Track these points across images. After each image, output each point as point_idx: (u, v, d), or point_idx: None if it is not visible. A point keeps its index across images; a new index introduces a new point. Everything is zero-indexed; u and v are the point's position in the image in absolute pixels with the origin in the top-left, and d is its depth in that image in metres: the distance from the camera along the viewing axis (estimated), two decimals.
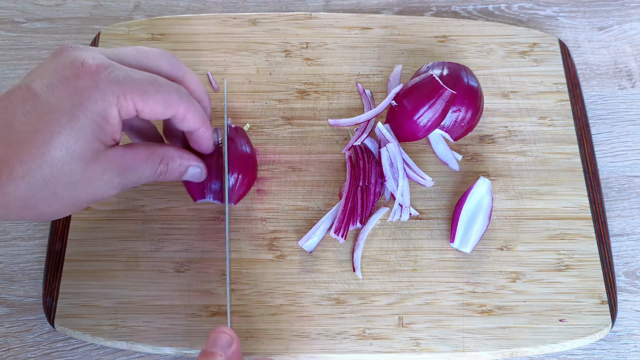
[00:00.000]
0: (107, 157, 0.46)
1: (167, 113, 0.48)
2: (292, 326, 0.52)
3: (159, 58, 0.50)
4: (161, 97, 0.47)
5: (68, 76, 0.44)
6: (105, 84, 0.44)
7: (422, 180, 0.57)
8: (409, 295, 0.54)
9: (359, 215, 0.55)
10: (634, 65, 0.68)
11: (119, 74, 0.45)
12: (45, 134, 0.43)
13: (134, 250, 0.55)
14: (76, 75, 0.44)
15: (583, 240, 0.56)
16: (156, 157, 0.50)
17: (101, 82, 0.44)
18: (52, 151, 0.43)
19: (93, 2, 0.71)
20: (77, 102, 0.44)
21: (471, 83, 0.57)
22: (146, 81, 0.46)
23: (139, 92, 0.46)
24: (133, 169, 0.48)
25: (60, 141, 0.43)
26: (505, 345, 0.52)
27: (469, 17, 0.71)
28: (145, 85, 0.46)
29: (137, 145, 0.49)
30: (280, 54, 0.64)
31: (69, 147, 0.44)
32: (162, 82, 0.48)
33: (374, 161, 0.57)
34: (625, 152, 0.63)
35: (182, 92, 0.49)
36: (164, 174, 0.51)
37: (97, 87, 0.44)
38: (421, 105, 0.56)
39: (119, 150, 0.47)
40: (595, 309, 0.53)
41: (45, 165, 0.43)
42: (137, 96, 0.46)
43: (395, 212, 0.56)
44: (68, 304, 0.52)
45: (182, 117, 0.49)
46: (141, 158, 0.49)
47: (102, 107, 0.44)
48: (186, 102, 0.49)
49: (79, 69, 0.44)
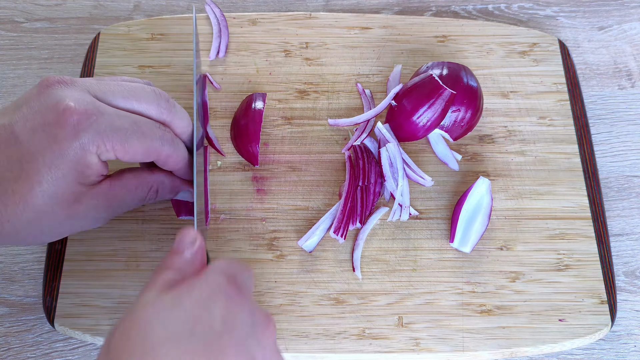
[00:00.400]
0: (92, 195, 0.47)
1: (148, 159, 0.48)
2: (292, 326, 0.52)
3: (149, 102, 0.49)
4: (141, 145, 0.47)
5: (50, 122, 0.44)
6: (86, 135, 0.44)
7: (421, 180, 0.57)
8: (408, 295, 0.54)
9: (359, 215, 0.55)
10: (634, 65, 0.68)
11: (101, 124, 0.45)
12: (27, 183, 0.44)
13: (133, 250, 0.55)
14: (57, 123, 0.44)
15: (583, 240, 0.56)
16: (145, 186, 0.51)
17: (81, 133, 0.44)
18: (34, 199, 0.44)
19: (93, 2, 0.71)
20: (57, 152, 0.44)
21: (471, 83, 0.57)
22: (129, 129, 0.46)
23: (120, 141, 0.46)
24: (120, 201, 0.49)
25: (42, 189, 0.44)
26: (505, 345, 0.52)
27: (469, 17, 0.71)
28: (128, 134, 0.46)
29: (125, 175, 0.50)
30: (280, 54, 0.64)
31: (50, 194, 0.45)
32: (146, 129, 0.47)
33: (374, 161, 0.57)
34: (624, 152, 0.63)
35: (166, 138, 0.49)
36: (154, 199, 0.52)
37: (77, 138, 0.44)
38: (421, 105, 0.56)
39: (105, 185, 0.48)
40: (595, 309, 0.53)
41: (28, 210, 0.44)
42: (118, 145, 0.46)
43: (395, 212, 0.56)
44: (68, 304, 0.52)
45: (163, 161, 0.49)
46: (129, 189, 0.50)
47: (82, 156, 0.45)
48: (168, 148, 0.49)
49: (60, 116, 0.44)
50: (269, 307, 0.53)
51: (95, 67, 0.63)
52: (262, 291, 0.53)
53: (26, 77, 0.66)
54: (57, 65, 0.66)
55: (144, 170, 0.51)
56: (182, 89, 0.62)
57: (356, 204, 0.55)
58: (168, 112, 0.50)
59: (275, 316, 0.52)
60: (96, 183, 0.48)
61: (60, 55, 0.67)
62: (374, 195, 0.56)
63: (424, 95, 0.55)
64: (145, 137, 0.47)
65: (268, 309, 0.53)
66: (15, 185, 0.44)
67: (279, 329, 0.52)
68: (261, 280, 0.54)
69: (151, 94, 0.49)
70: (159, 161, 0.49)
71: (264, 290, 0.53)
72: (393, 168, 0.56)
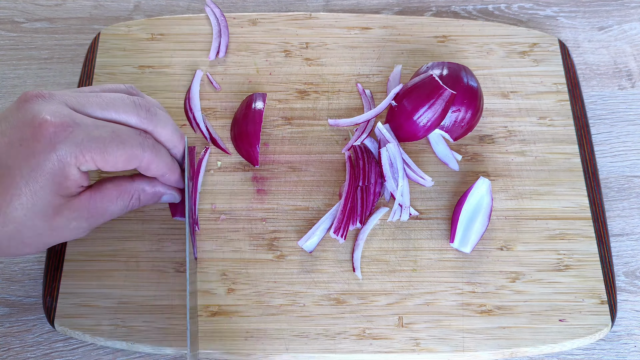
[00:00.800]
0: (72, 207, 0.47)
1: (129, 166, 0.48)
2: (291, 326, 0.52)
3: (128, 113, 0.49)
4: (122, 153, 0.47)
5: (26, 137, 0.44)
6: (63, 147, 0.44)
7: (421, 180, 0.57)
8: (408, 295, 0.54)
9: (359, 215, 0.55)
10: (634, 65, 0.68)
11: (77, 135, 0.45)
12: (6, 196, 0.44)
13: (134, 250, 0.55)
14: (33, 137, 0.44)
15: (583, 240, 0.56)
16: (126, 195, 0.51)
17: (58, 145, 0.44)
18: (13, 212, 0.44)
19: (93, 2, 0.71)
20: (34, 166, 0.44)
21: (471, 83, 0.57)
22: (107, 138, 0.46)
23: (99, 151, 0.46)
24: (102, 210, 0.49)
25: (20, 202, 0.44)
26: (505, 345, 0.52)
27: (469, 17, 0.71)
28: (106, 143, 0.46)
29: (105, 185, 0.50)
30: (280, 54, 0.64)
31: (29, 207, 0.45)
32: (125, 137, 0.47)
33: (374, 161, 0.57)
34: (625, 152, 0.63)
35: (147, 144, 0.48)
36: (137, 206, 0.52)
37: (54, 150, 0.44)
38: (421, 105, 0.56)
39: (85, 196, 0.48)
40: (595, 309, 0.53)
41: (8, 223, 0.45)
42: (97, 155, 0.46)
43: (395, 212, 0.56)
44: (68, 304, 0.52)
45: (145, 168, 0.49)
46: (109, 199, 0.49)
47: (59, 168, 0.45)
48: (150, 154, 0.48)
49: (36, 129, 0.44)
50: (268, 307, 0.53)
51: (95, 67, 0.63)
52: (262, 291, 0.53)
53: (26, 77, 0.66)
54: (57, 65, 0.66)
55: (124, 179, 0.51)
56: (182, 89, 0.62)
57: (356, 204, 0.55)
58: (149, 121, 0.49)
59: (275, 316, 0.52)
60: (76, 194, 0.47)
61: (60, 56, 0.67)
62: (374, 195, 0.56)
63: (424, 96, 0.55)
64: (124, 145, 0.47)
65: (268, 309, 0.53)
66: None
67: (279, 329, 0.52)
68: (261, 280, 0.54)
69: (130, 105, 0.49)
70: (140, 168, 0.49)
71: (264, 290, 0.53)
72: (393, 168, 0.56)
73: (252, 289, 0.54)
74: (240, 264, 0.54)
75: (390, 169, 0.56)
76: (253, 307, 0.53)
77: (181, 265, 0.54)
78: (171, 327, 0.52)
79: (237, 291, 0.53)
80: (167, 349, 0.51)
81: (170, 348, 0.51)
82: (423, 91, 0.56)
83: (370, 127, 0.60)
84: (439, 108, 0.55)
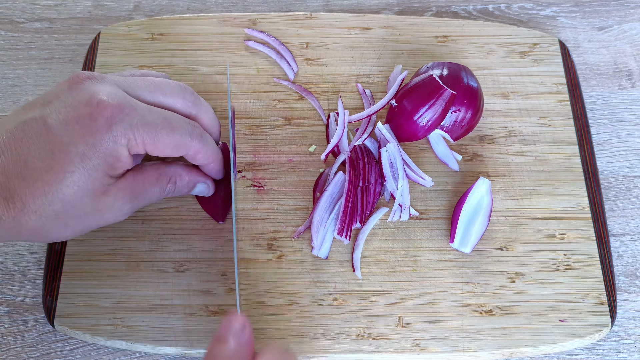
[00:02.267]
0: (118, 187, 0.48)
1: (177, 153, 0.49)
2: (291, 326, 0.52)
3: (175, 96, 0.50)
4: (171, 140, 0.48)
5: (83, 115, 0.45)
6: (119, 128, 0.45)
7: (421, 180, 0.57)
8: (408, 296, 0.54)
9: (359, 215, 0.55)
10: (634, 65, 0.68)
11: (133, 118, 0.46)
12: (59, 173, 0.44)
13: (134, 250, 0.55)
14: (91, 116, 0.45)
15: (583, 240, 0.56)
16: (164, 178, 0.51)
17: (114, 127, 0.45)
18: (64, 189, 0.45)
19: (93, 2, 0.71)
20: (90, 144, 0.45)
21: (471, 83, 0.57)
22: (159, 124, 0.47)
23: (151, 136, 0.47)
24: (143, 192, 0.50)
25: (73, 180, 0.45)
26: (504, 346, 0.52)
27: (469, 17, 0.71)
28: (158, 129, 0.47)
29: (145, 167, 0.50)
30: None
31: (80, 185, 0.45)
32: (176, 123, 0.48)
33: (374, 161, 0.57)
34: (625, 152, 0.63)
35: (195, 132, 0.49)
36: (172, 192, 0.52)
37: (110, 130, 0.45)
38: (421, 106, 0.56)
39: (129, 177, 0.49)
40: (595, 309, 0.53)
41: (57, 201, 0.45)
42: (148, 139, 0.47)
43: (395, 212, 0.56)
44: (68, 304, 0.52)
45: (192, 156, 0.50)
46: (150, 181, 0.50)
47: (114, 149, 0.45)
48: (198, 143, 0.49)
49: (94, 109, 0.45)
50: (268, 307, 0.53)
51: (96, 67, 0.63)
52: (262, 291, 0.53)
53: (26, 77, 0.66)
54: (57, 65, 0.66)
55: (162, 163, 0.52)
56: None
57: (356, 204, 0.55)
58: (193, 104, 0.51)
59: (275, 316, 0.52)
60: (120, 176, 0.48)
61: (60, 55, 0.67)
62: (374, 195, 0.56)
63: (424, 96, 0.55)
64: (174, 132, 0.48)
65: (268, 309, 0.53)
66: (47, 175, 0.44)
67: (279, 329, 0.52)
68: (261, 280, 0.54)
69: (176, 88, 0.50)
70: (188, 156, 0.50)
71: (264, 290, 0.53)
72: (393, 168, 0.56)
73: (252, 289, 0.54)
74: (240, 264, 0.54)
75: (390, 169, 0.56)
76: (253, 307, 0.53)
77: (181, 265, 0.54)
78: (171, 327, 0.52)
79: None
80: (167, 348, 0.51)
81: (170, 348, 0.51)
82: (423, 91, 0.56)
83: (370, 127, 0.60)
84: (439, 108, 0.55)
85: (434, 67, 0.58)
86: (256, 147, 0.60)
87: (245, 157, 0.59)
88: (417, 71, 0.59)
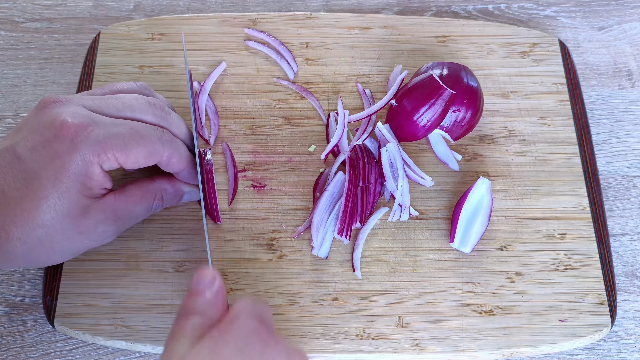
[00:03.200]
0: (98, 209, 0.48)
1: (150, 162, 0.49)
2: (291, 326, 0.52)
3: (144, 113, 0.50)
4: (142, 149, 0.47)
5: (49, 139, 0.45)
6: (85, 146, 0.45)
7: (422, 180, 0.57)
8: (408, 295, 0.54)
9: (359, 215, 0.55)
10: (634, 65, 0.68)
11: (99, 133, 0.46)
12: (34, 200, 0.45)
13: (133, 249, 0.55)
14: (56, 138, 0.45)
15: (583, 240, 0.56)
16: (149, 195, 0.51)
17: (80, 144, 0.45)
18: (42, 215, 0.45)
19: (93, 2, 0.71)
20: (59, 166, 0.45)
21: (471, 83, 0.57)
22: (127, 135, 0.47)
23: (120, 148, 0.46)
24: (126, 212, 0.50)
25: (48, 205, 0.45)
26: (504, 345, 0.52)
27: (469, 17, 0.71)
28: (126, 139, 0.47)
29: (128, 187, 0.50)
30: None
31: (57, 209, 0.45)
32: (144, 132, 0.48)
33: (374, 161, 0.57)
34: (625, 152, 0.63)
35: (165, 138, 0.49)
36: (160, 207, 0.53)
37: (76, 149, 0.45)
38: (421, 106, 0.56)
39: (110, 197, 0.49)
40: (595, 309, 0.53)
41: (38, 227, 0.45)
42: (118, 152, 0.46)
43: (395, 212, 0.56)
44: (68, 304, 0.52)
45: (166, 162, 0.50)
46: (133, 200, 0.50)
47: (83, 167, 0.45)
48: (170, 149, 0.49)
49: (58, 131, 0.45)
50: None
51: (96, 67, 0.63)
52: (262, 291, 0.53)
53: (26, 77, 0.66)
54: (57, 65, 0.66)
55: (145, 180, 0.52)
56: (183, 89, 0.62)
57: (356, 204, 0.55)
58: (163, 119, 0.51)
59: (275, 316, 0.52)
60: (100, 196, 0.48)
61: (60, 55, 0.67)
62: (374, 195, 0.56)
63: (424, 96, 0.55)
64: (144, 140, 0.47)
65: None
66: (23, 203, 0.45)
67: (279, 329, 0.52)
68: (261, 280, 0.54)
69: (145, 105, 0.50)
70: (161, 163, 0.50)
71: (264, 290, 0.53)
72: (393, 168, 0.56)
73: (252, 289, 0.54)
74: (240, 263, 0.55)
75: (390, 168, 0.56)
76: None
77: (181, 265, 0.54)
78: (171, 327, 0.52)
79: (237, 291, 0.53)
80: None
81: None
82: (423, 91, 0.56)
83: (370, 127, 0.60)
84: (439, 108, 0.55)
85: (433, 67, 0.58)
86: (256, 147, 0.60)
87: (245, 157, 0.59)
88: (417, 71, 0.59)
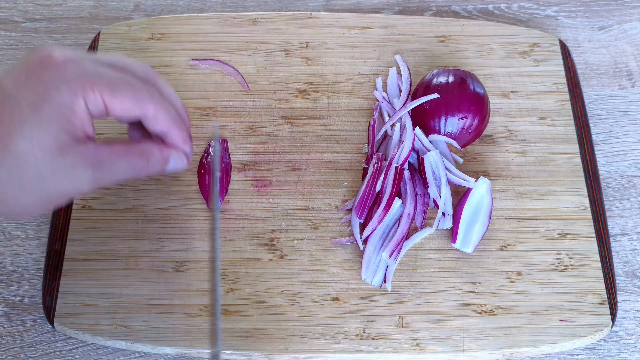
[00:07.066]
0: (78, 151, 0.44)
1: (137, 110, 0.46)
2: (291, 326, 0.52)
3: (135, 66, 0.48)
4: (131, 93, 0.46)
5: (35, 70, 0.44)
6: (72, 75, 0.44)
7: (465, 182, 0.56)
8: (408, 295, 0.53)
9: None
10: (634, 65, 0.68)
11: (87, 67, 0.45)
12: (9, 125, 0.42)
13: (133, 249, 0.55)
14: (42, 67, 0.44)
15: (583, 240, 0.56)
16: (134, 151, 0.48)
17: (67, 73, 0.44)
18: (16, 141, 0.42)
19: (93, 1, 0.71)
20: (41, 93, 0.43)
21: (477, 90, 0.57)
22: (116, 79, 0.45)
23: (107, 86, 0.45)
24: (108, 163, 0.46)
25: (23, 132, 0.42)
26: (505, 345, 0.52)
27: (469, 17, 0.71)
28: (115, 83, 0.45)
29: (115, 141, 0.48)
30: (280, 54, 0.64)
31: (32, 137, 0.42)
32: (133, 80, 0.47)
33: (416, 173, 0.57)
34: (625, 152, 0.63)
35: (154, 93, 0.48)
36: (145, 168, 0.49)
37: (62, 77, 0.43)
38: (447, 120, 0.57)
39: (92, 145, 0.45)
40: (595, 309, 0.53)
41: (9, 156, 0.42)
42: (105, 90, 0.44)
43: (440, 221, 0.55)
44: (68, 304, 0.52)
45: (153, 116, 0.47)
46: (118, 153, 0.47)
47: (67, 97, 0.43)
48: (157, 102, 0.47)
49: (45, 62, 0.44)
50: (269, 307, 0.53)
51: None
52: (262, 291, 0.53)
53: None
54: None
55: (132, 140, 0.50)
56: (183, 89, 0.62)
57: (371, 206, 0.55)
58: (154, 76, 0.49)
59: (275, 316, 0.52)
60: (82, 142, 0.45)
61: None
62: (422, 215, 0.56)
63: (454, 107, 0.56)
64: (132, 88, 0.46)
65: (268, 309, 0.53)
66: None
67: (279, 329, 0.52)
68: (261, 280, 0.54)
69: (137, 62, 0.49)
70: (148, 116, 0.47)
71: (264, 290, 0.53)
72: (436, 176, 0.56)
73: (252, 289, 0.54)
74: (240, 263, 0.54)
75: (432, 176, 0.55)
76: (253, 307, 0.53)
77: (181, 265, 0.54)
78: (171, 327, 0.52)
79: (237, 291, 0.53)
80: (167, 348, 0.51)
81: (170, 348, 0.51)
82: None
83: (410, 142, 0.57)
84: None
85: (439, 74, 0.58)
86: (256, 147, 0.60)
87: (245, 157, 0.59)
88: (423, 79, 0.59)
